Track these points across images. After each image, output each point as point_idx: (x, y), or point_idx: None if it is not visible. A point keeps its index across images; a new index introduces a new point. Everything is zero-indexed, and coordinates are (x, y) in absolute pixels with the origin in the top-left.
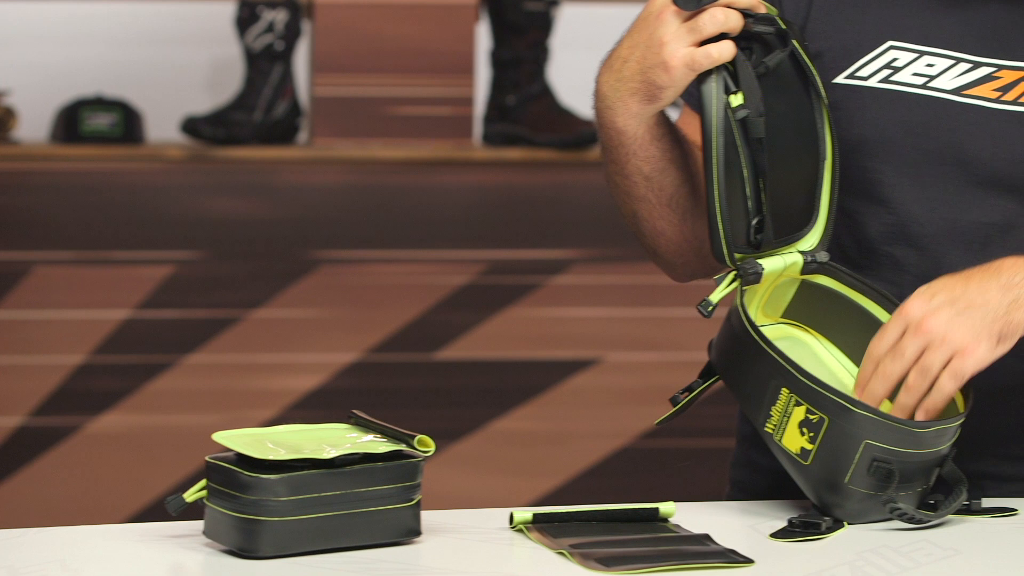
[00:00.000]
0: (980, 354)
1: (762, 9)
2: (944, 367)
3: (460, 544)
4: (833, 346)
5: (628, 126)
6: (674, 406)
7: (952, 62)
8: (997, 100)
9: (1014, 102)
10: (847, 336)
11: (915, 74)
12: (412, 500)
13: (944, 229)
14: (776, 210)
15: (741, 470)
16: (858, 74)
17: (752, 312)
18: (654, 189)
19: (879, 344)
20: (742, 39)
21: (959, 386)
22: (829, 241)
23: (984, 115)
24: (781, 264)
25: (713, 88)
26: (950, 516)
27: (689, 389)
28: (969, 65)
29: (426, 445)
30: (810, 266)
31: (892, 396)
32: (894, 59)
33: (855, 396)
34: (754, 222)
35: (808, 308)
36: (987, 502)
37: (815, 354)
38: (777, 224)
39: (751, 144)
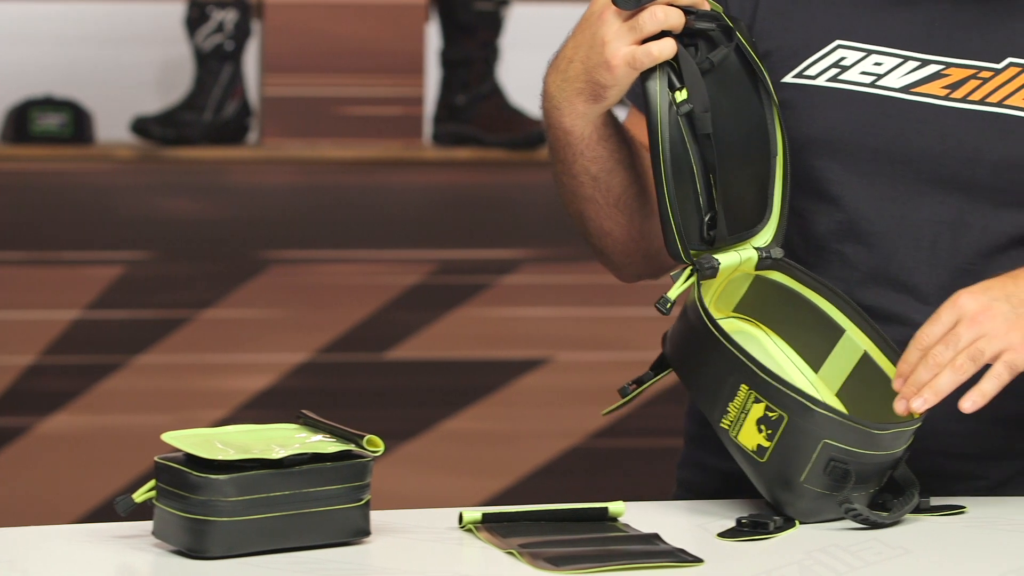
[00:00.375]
0: None
1: (706, 6)
2: (995, 358)
3: (409, 544)
4: (783, 342)
5: (575, 126)
6: (623, 397)
7: (900, 60)
8: (946, 98)
9: (963, 100)
10: (798, 332)
11: (863, 73)
12: (361, 500)
13: (893, 227)
14: (729, 206)
15: (688, 470)
16: (806, 73)
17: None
18: (601, 189)
19: (929, 332)
20: (686, 36)
21: (1012, 377)
22: (783, 237)
23: (933, 113)
24: (736, 259)
25: (656, 85)
26: (908, 517)
27: (639, 381)
28: (917, 63)
29: (375, 445)
30: (764, 262)
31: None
32: (842, 58)
33: (896, 387)
34: (707, 218)
35: (760, 304)
36: (936, 500)
37: (766, 349)
38: (730, 221)
39: (699, 140)
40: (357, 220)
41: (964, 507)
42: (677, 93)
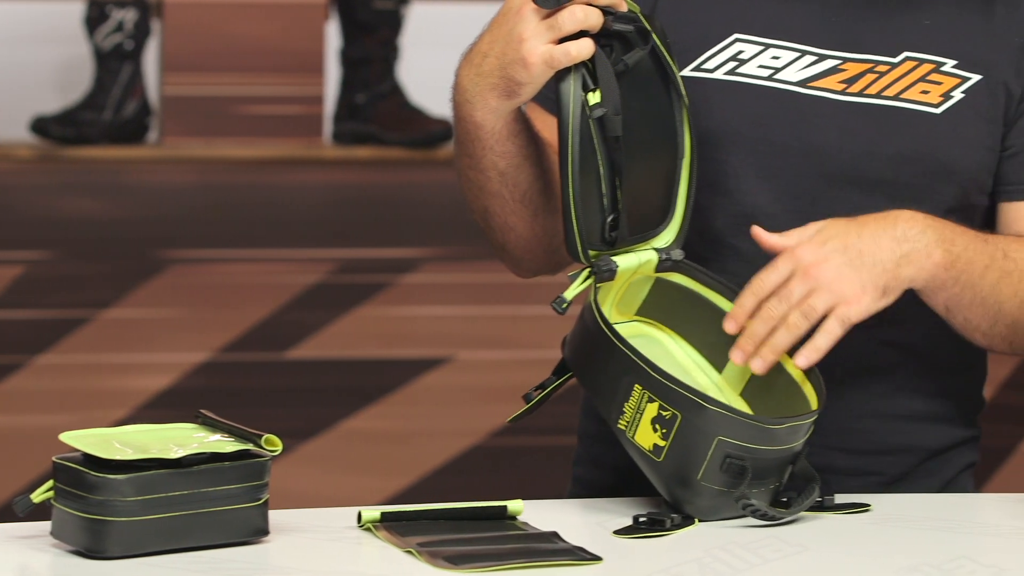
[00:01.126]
0: (864, 305)
1: (623, 7)
2: (827, 312)
3: (308, 543)
4: (687, 343)
5: (486, 121)
6: (527, 403)
7: (797, 54)
8: (842, 92)
9: (859, 94)
10: (700, 334)
11: (761, 66)
12: (259, 499)
13: (790, 221)
14: (632, 207)
15: (584, 467)
16: (704, 66)
17: (606, 309)
18: (508, 185)
19: (765, 281)
20: (602, 36)
21: (843, 332)
22: (685, 239)
23: (830, 107)
24: (636, 261)
25: (571, 86)
26: (803, 513)
27: (542, 386)
28: (815, 57)
29: (273, 444)
30: (664, 264)
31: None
32: (740, 51)
33: (728, 328)
34: (609, 219)
35: (662, 306)
36: (840, 498)
37: (668, 352)
38: (633, 221)
39: (608, 142)
40: (257, 219)
41: (868, 505)
42: (590, 94)
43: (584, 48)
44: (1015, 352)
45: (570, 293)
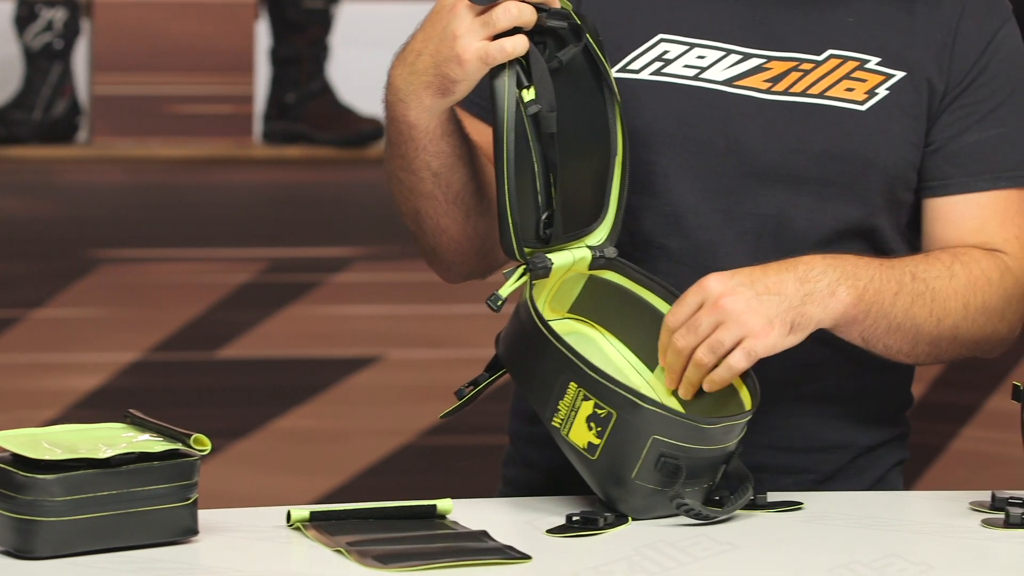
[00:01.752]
0: (772, 339)
1: (556, 4)
2: (735, 346)
3: (237, 543)
4: (619, 342)
5: (420, 120)
6: (460, 399)
7: (723, 54)
8: (768, 91)
9: (784, 92)
10: (633, 332)
11: (686, 66)
12: (189, 499)
13: (718, 220)
14: (566, 205)
15: (514, 468)
16: (630, 67)
17: (539, 307)
18: (441, 185)
19: (675, 316)
20: (536, 33)
21: (749, 365)
22: (618, 237)
23: (755, 106)
24: (570, 259)
25: (505, 83)
26: (736, 511)
27: (475, 383)
28: (739, 56)
29: (202, 444)
30: (598, 261)
31: None
32: (665, 51)
33: (660, 361)
34: (544, 217)
35: (595, 304)
36: (773, 496)
37: (601, 350)
38: (567, 219)
39: (542, 139)
40: (188, 219)
41: (801, 503)
42: (525, 91)
43: (519, 44)
44: (943, 362)
45: (505, 290)
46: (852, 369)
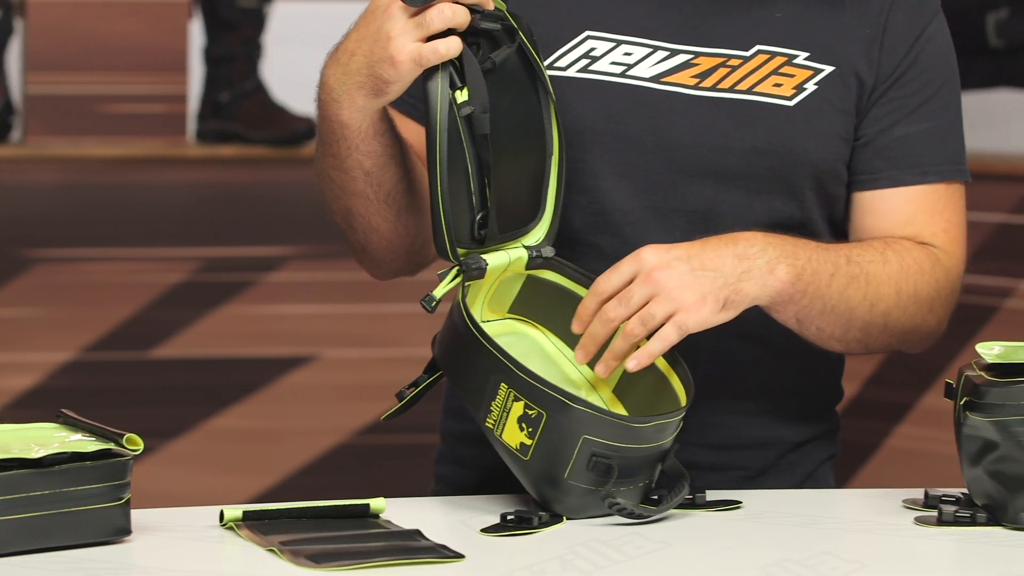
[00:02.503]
0: (703, 315)
1: (490, 5)
2: (667, 320)
3: (170, 542)
4: (560, 341)
5: (353, 119)
6: (400, 401)
7: (649, 50)
8: (695, 87)
9: (712, 88)
10: (572, 331)
11: (613, 63)
12: (121, 499)
13: (647, 217)
14: (502, 205)
15: (447, 466)
16: (557, 65)
17: (477, 307)
18: (373, 184)
19: (607, 283)
20: (469, 35)
21: (679, 339)
22: (555, 236)
23: (683, 102)
24: (506, 259)
25: (439, 84)
26: (672, 510)
27: (415, 384)
28: (667, 53)
29: (134, 443)
30: (535, 261)
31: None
32: (592, 49)
33: (575, 329)
34: (478, 217)
35: (534, 303)
36: (712, 495)
37: (542, 349)
38: (503, 219)
39: (476, 140)
40: (121, 218)
41: (740, 502)
42: (458, 92)
43: (452, 46)
44: (872, 352)
45: (439, 291)
46: (782, 365)
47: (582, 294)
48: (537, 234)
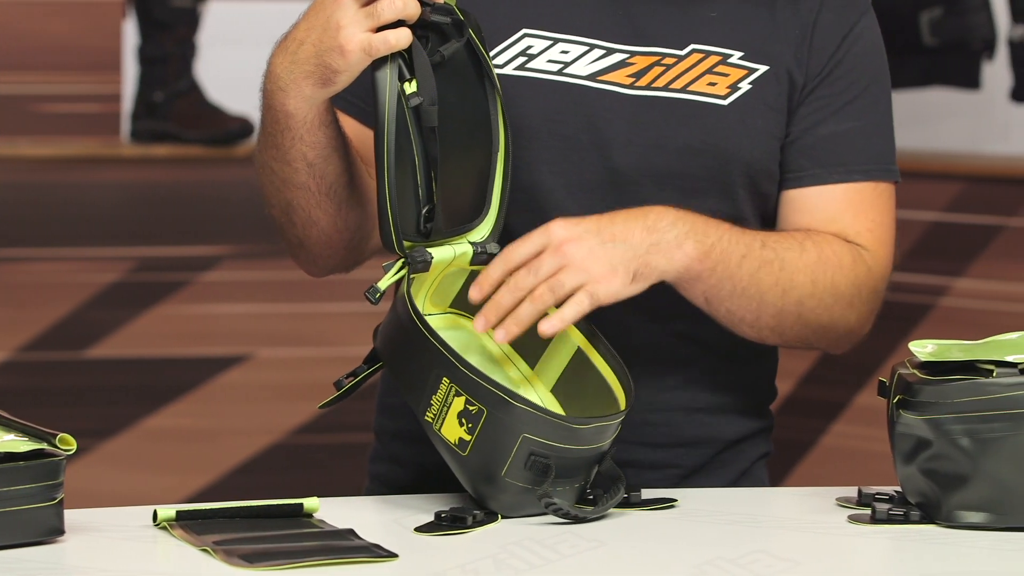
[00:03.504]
0: (615, 287)
1: None
2: (576, 290)
3: (103, 542)
4: None
5: (299, 109)
6: (338, 390)
7: (586, 48)
8: (631, 86)
9: (647, 87)
10: (470, 299)
11: (550, 61)
12: (54, 499)
13: (582, 215)
14: (448, 200)
15: (381, 464)
16: (495, 62)
17: (420, 301)
18: (316, 176)
19: (516, 252)
20: (419, 27)
21: (591, 307)
22: (500, 232)
23: (619, 100)
24: (451, 254)
25: (388, 75)
26: (607, 511)
27: (354, 374)
28: (603, 51)
29: (67, 443)
30: (480, 257)
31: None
32: (529, 46)
33: (473, 297)
34: (424, 211)
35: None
36: (647, 493)
37: (482, 345)
38: (449, 214)
39: (424, 133)
40: (55, 218)
41: (675, 500)
42: (406, 84)
43: (402, 37)
44: (787, 343)
45: (383, 283)
46: (717, 363)
47: None
48: (483, 230)
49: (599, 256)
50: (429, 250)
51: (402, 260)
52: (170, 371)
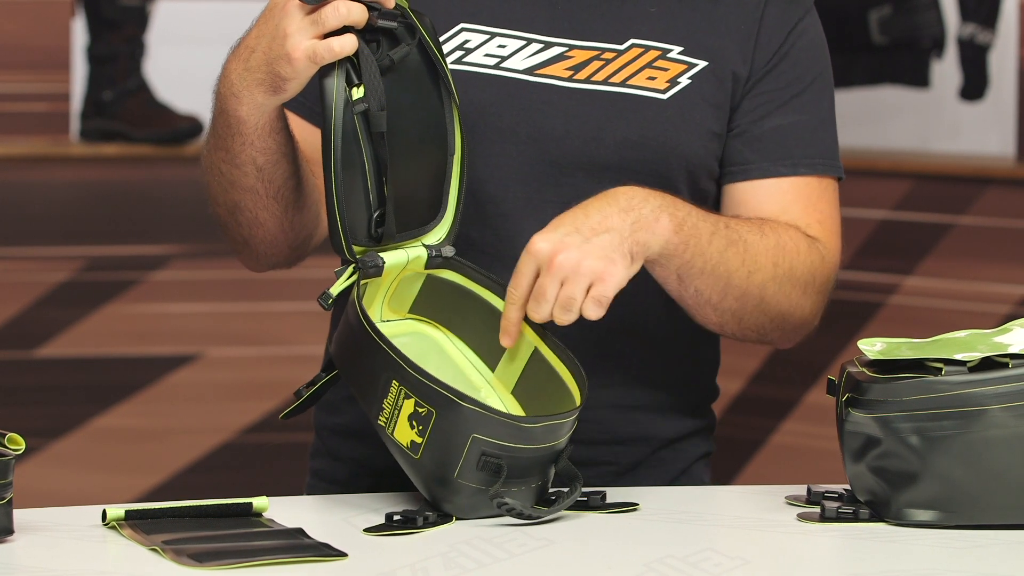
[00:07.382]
0: (619, 275)
1: (390, 3)
2: (585, 295)
3: (53, 542)
4: (460, 341)
5: (250, 116)
6: (298, 400)
7: (524, 43)
8: (570, 79)
9: (586, 81)
10: (473, 331)
11: (487, 55)
12: (3, 499)
13: (519, 208)
14: (402, 203)
15: (321, 459)
16: None
17: (377, 306)
18: (264, 180)
19: (516, 290)
20: (368, 32)
21: (604, 310)
22: (456, 236)
23: (557, 94)
24: (404, 258)
25: (334, 81)
26: (565, 512)
27: (312, 383)
28: (541, 45)
29: (16, 443)
30: (435, 260)
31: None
32: (466, 41)
33: (506, 344)
34: (375, 215)
35: (435, 303)
36: (611, 496)
37: (442, 350)
38: (403, 218)
39: (373, 138)
40: (4, 217)
41: (637, 504)
42: (354, 90)
43: (347, 44)
44: (744, 332)
45: (335, 289)
46: (655, 360)
47: (482, 295)
48: (438, 233)
49: (591, 253)
50: (381, 255)
51: (353, 266)
52: (120, 370)
